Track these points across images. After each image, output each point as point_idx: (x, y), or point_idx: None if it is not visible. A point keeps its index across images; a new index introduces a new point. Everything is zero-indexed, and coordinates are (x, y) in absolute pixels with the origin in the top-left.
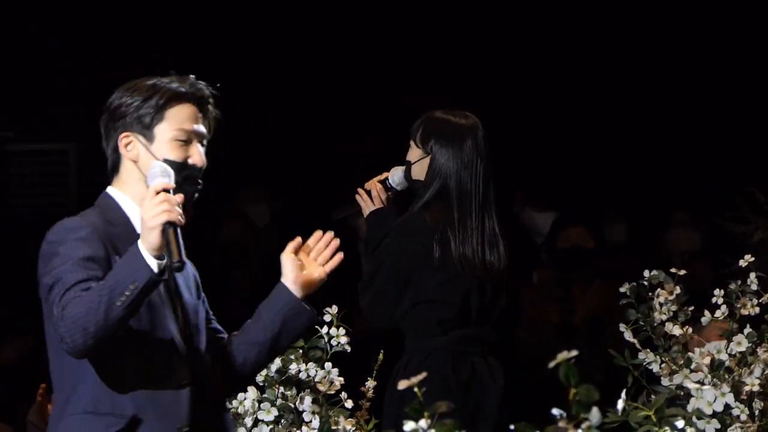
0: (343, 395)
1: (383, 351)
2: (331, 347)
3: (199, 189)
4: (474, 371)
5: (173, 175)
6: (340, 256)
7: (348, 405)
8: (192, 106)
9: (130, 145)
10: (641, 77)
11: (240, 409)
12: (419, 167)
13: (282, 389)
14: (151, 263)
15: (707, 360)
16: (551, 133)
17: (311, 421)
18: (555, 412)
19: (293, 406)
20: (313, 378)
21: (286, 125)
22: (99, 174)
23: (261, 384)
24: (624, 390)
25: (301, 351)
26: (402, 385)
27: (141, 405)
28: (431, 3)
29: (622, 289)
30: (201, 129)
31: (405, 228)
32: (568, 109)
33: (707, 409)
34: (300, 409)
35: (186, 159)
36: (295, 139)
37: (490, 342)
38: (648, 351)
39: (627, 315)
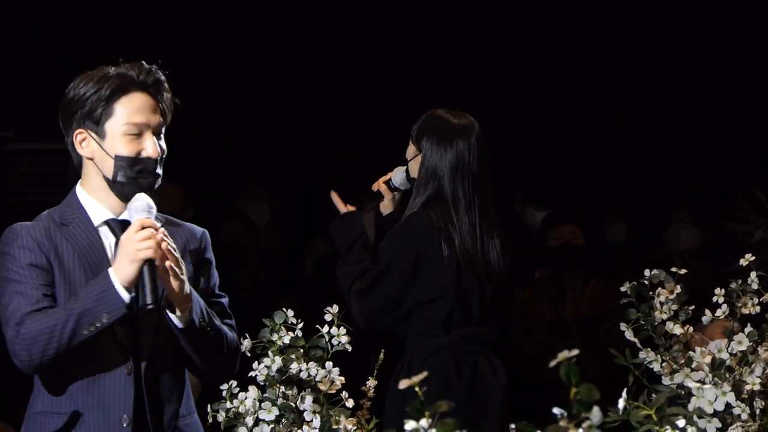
0: (344, 394)
1: (384, 350)
2: (332, 346)
3: (158, 177)
4: (476, 370)
5: (153, 212)
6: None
7: (349, 404)
8: (142, 94)
9: (84, 142)
10: (641, 77)
11: (241, 409)
12: (415, 164)
13: (283, 388)
14: (125, 298)
15: (708, 359)
16: (551, 133)
17: (312, 421)
18: (556, 411)
19: (294, 405)
20: (314, 377)
21: (286, 125)
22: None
23: (262, 383)
24: (624, 389)
25: (302, 350)
26: (403, 385)
27: (79, 400)
28: (431, 3)
29: (622, 288)
30: (153, 119)
31: (410, 227)
32: (568, 109)
33: (708, 408)
34: (301, 409)
35: (139, 153)
36: (295, 139)
37: (492, 341)
38: (649, 350)
39: (628, 314)
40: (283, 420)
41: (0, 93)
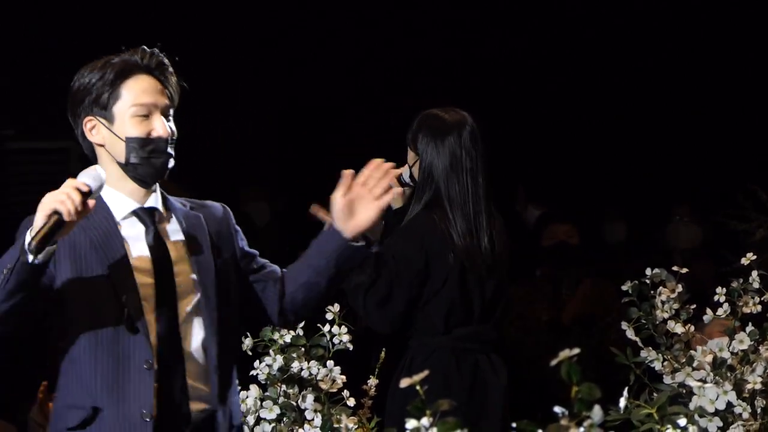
0: (345, 393)
1: (385, 349)
2: (333, 345)
3: (170, 156)
4: (477, 369)
5: (100, 183)
6: (397, 190)
7: (350, 403)
8: (148, 76)
9: (94, 129)
10: (641, 77)
11: (242, 407)
12: (416, 169)
13: (284, 387)
14: (26, 244)
15: (709, 358)
16: (551, 133)
17: (313, 419)
18: (557, 409)
19: (295, 404)
20: (315, 376)
21: (286, 125)
22: None
23: (263, 382)
24: (626, 388)
25: (303, 349)
26: (404, 383)
27: (99, 395)
28: (431, 3)
29: (624, 287)
30: (160, 100)
31: (414, 230)
32: (568, 109)
33: (709, 407)
34: (302, 407)
35: (149, 133)
36: (295, 139)
37: (492, 339)
38: (650, 349)
39: (629, 313)
40: (285, 419)
41: (0, 92)
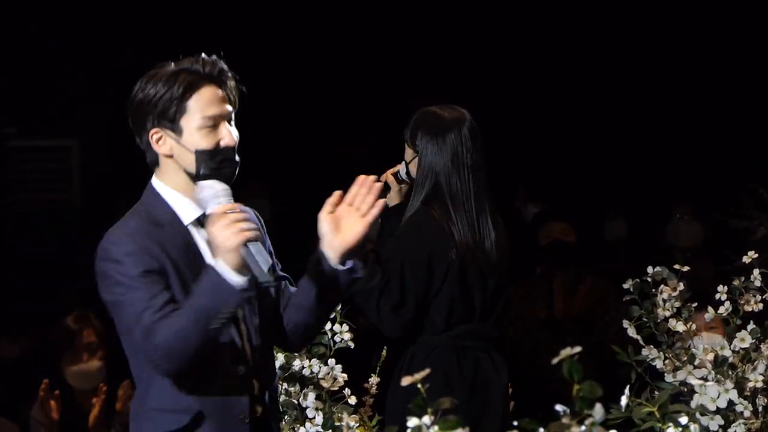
0: (347, 391)
1: (386, 347)
2: (335, 343)
3: (237, 164)
4: (478, 367)
5: (227, 193)
6: (382, 202)
7: (351, 401)
8: (212, 86)
9: (161, 141)
10: (641, 77)
11: None
12: (414, 166)
13: (285, 385)
14: (237, 282)
15: (711, 356)
16: (551, 132)
17: (314, 418)
18: (558, 408)
19: (296, 402)
20: (317, 374)
21: (286, 125)
22: (101, 170)
23: None
24: (627, 386)
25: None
26: (406, 382)
27: (203, 400)
28: (431, 3)
29: (625, 285)
30: (225, 109)
31: (415, 230)
32: (568, 109)
33: (711, 406)
34: (303, 406)
35: (218, 143)
36: (295, 139)
37: (493, 337)
38: (651, 347)
39: (630, 311)
40: (286, 417)
41: (2, 90)
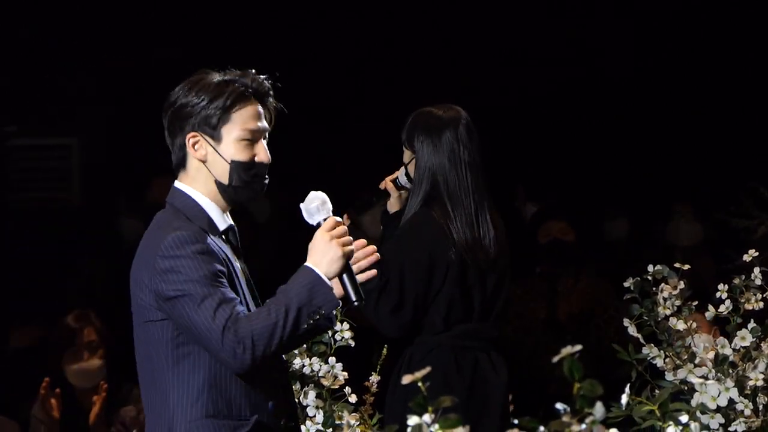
0: (347, 390)
1: (387, 346)
2: (335, 342)
3: (267, 183)
4: (477, 366)
5: (330, 205)
6: (372, 273)
7: (352, 399)
8: (256, 103)
9: (197, 145)
10: (641, 76)
11: None
12: (412, 168)
13: None
14: (336, 292)
15: (711, 355)
16: (551, 131)
17: (315, 416)
18: (558, 406)
19: (297, 400)
20: (317, 373)
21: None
22: (102, 169)
23: None
24: (628, 385)
25: (305, 346)
26: (406, 380)
27: (259, 407)
28: (431, 3)
29: (626, 284)
30: (264, 126)
31: (414, 231)
32: (568, 108)
33: (711, 404)
34: (304, 404)
35: (253, 158)
36: (295, 139)
37: (492, 337)
38: (652, 346)
39: (631, 310)
40: None
41: (2, 89)
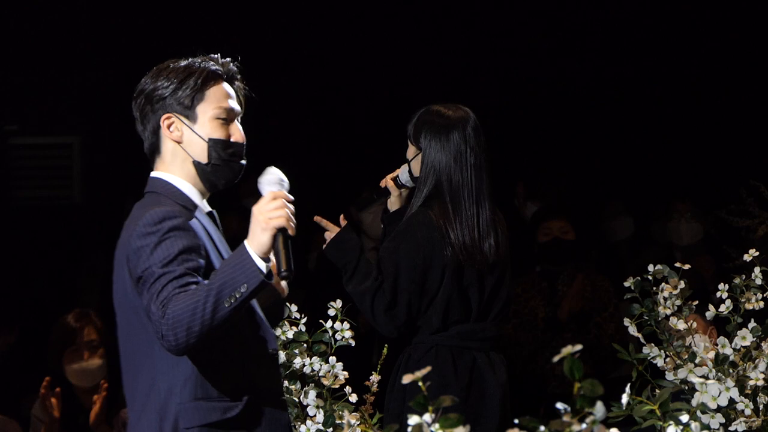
0: (348, 389)
1: (387, 345)
2: (336, 341)
3: (244, 165)
4: (475, 367)
5: (287, 184)
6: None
7: (352, 399)
8: (226, 84)
9: (172, 126)
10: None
11: None
12: (416, 164)
13: (286, 383)
14: (261, 266)
15: (712, 354)
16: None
17: (315, 415)
18: (559, 406)
19: (297, 400)
20: (318, 372)
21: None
22: (103, 167)
23: None
24: (628, 384)
25: (306, 345)
26: (406, 380)
27: (250, 386)
28: (431, 3)
29: (626, 284)
30: (237, 106)
31: (411, 231)
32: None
33: (712, 404)
34: (304, 403)
35: (229, 137)
36: (295, 139)
37: (491, 337)
38: (652, 345)
39: (631, 309)
40: None
41: (3, 87)
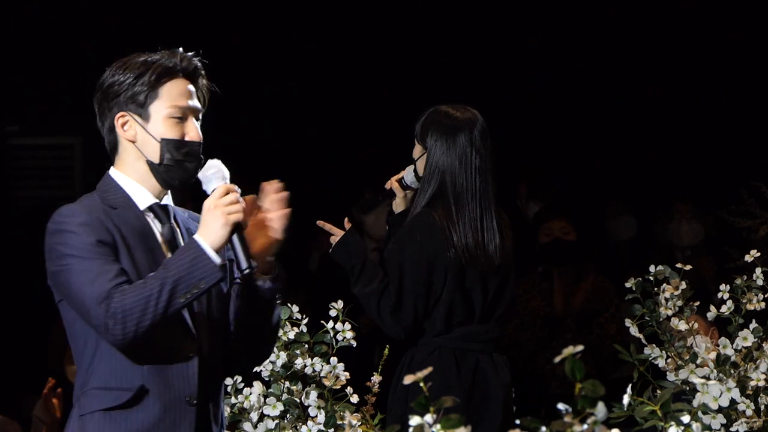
0: (349, 390)
1: (389, 346)
2: (337, 342)
3: (201, 161)
4: (478, 369)
5: (228, 176)
6: (284, 213)
7: (354, 400)
8: (184, 80)
9: (126, 125)
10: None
11: (245, 404)
12: (422, 163)
13: (287, 384)
14: (218, 261)
15: (713, 355)
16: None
17: (317, 416)
18: (560, 406)
19: (299, 400)
20: (319, 373)
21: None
22: (104, 168)
23: (267, 379)
24: (629, 385)
25: (307, 346)
26: (408, 380)
27: (147, 377)
28: (431, 3)
29: (627, 284)
30: (195, 104)
31: (415, 232)
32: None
33: (713, 404)
34: (305, 404)
35: (183, 136)
36: (295, 139)
37: (494, 338)
38: (654, 346)
39: (632, 310)
40: (288, 415)
41: (4, 88)
